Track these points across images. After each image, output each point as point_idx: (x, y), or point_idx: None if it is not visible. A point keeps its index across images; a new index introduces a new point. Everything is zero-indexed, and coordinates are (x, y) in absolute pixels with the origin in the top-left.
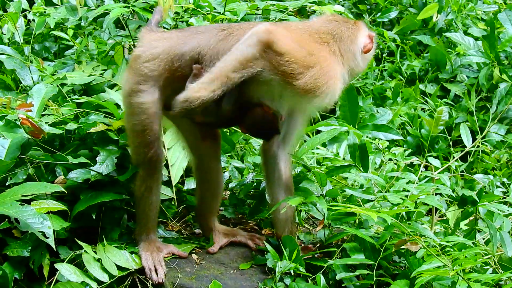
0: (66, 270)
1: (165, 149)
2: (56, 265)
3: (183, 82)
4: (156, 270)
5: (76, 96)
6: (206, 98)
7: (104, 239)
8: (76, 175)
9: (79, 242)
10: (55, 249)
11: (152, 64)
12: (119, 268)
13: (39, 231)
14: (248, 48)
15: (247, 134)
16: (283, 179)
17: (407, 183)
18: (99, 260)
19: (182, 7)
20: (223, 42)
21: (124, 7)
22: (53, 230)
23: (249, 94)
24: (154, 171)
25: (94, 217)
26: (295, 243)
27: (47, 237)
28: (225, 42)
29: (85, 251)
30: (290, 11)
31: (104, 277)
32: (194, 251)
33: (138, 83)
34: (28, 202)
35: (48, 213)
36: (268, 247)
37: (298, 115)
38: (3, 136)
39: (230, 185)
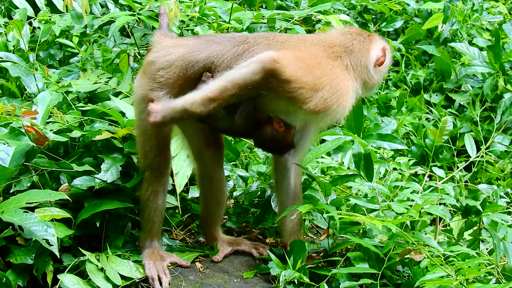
0: (69, 281)
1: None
2: (59, 276)
3: (195, 87)
4: (160, 279)
5: (81, 104)
6: (200, 114)
7: (108, 247)
8: (80, 182)
9: (83, 251)
10: (59, 257)
11: (167, 72)
12: (123, 277)
13: (43, 239)
14: (252, 75)
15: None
16: (293, 187)
17: (411, 192)
18: (102, 269)
19: (188, 15)
20: (237, 58)
21: (129, 15)
22: (57, 237)
23: (261, 107)
24: (161, 175)
25: (98, 225)
26: (304, 247)
27: (51, 245)
28: (239, 58)
29: (88, 260)
30: (295, 20)
31: (108, 287)
32: (198, 260)
33: (152, 90)
34: (32, 209)
35: (52, 220)
36: (272, 256)
37: (311, 126)
38: (7, 143)
39: (235, 193)
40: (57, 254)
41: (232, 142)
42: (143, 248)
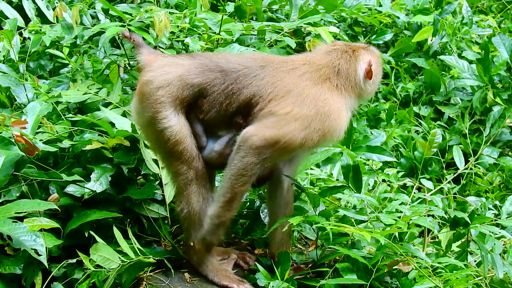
0: None
1: (159, 168)
2: (53, 286)
3: (190, 108)
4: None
5: (70, 114)
6: (231, 217)
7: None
8: (73, 189)
9: (81, 254)
10: (47, 267)
11: (167, 91)
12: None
13: (32, 249)
14: (247, 160)
15: None
16: (285, 199)
17: (400, 204)
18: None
19: (178, 26)
20: (227, 91)
21: (120, 26)
22: (46, 247)
23: None
24: (206, 180)
25: (86, 235)
26: (288, 258)
27: (40, 255)
28: (229, 91)
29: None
30: (285, 32)
31: None
32: (186, 270)
33: (158, 111)
34: (21, 219)
35: (41, 230)
36: (260, 267)
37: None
38: None
39: None
40: (46, 264)
41: None
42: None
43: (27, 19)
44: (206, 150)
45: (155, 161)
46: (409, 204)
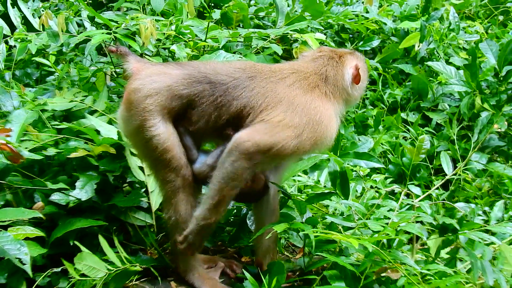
0: None
1: (145, 176)
2: None
3: (178, 118)
4: None
5: (56, 122)
6: (216, 221)
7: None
8: (58, 197)
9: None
10: (32, 276)
11: (156, 99)
12: None
13: (16, 258)
14: (237, 165)
15: None
16: (272, 206)
17: (388, 210)
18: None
19: (164, 34)
20: (216, 103)
21: (106, 33)
22: (30, 256)
23: None
24: (193, 188)
25: (71, 244)
26: (283, 269)
27: (24, 264)
28: (218, 103)
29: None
30: (272, 39)
31: None
32: (172, 278)
33: (146, 119)
34: (5, 228)
35: (25, 239)
36: (247, 275)
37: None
38: None
39: None
40: (30, 273)
41: None
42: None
43: (13, 27)
44: (198, 163)
45: (141, 168)
46: (397, 211)
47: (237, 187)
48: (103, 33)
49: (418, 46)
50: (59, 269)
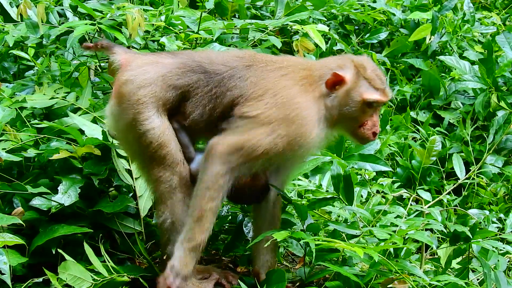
0: None
1: (132, 179)
2: None
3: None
4: None
5: (36, 121)
6: (205, 240)
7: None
8: (39, 202)
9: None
10: (11, 287)
11: (150, 90)
12: None
13: None
14: (208, 172)
15: None
16: (272, 212)
17: (395, 217)
18: None
19: (153, 25)
20: (210, 94)
21: (89, 24)
22: (10, 266)
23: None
24: (190, 189)
25: (54, 252)
26: (283, 278)
27: (3, 273)
28: (213, 94)
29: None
30: (270, 30)
31: None
32: None
33: (140, 112)
34: None
35: (4, 247)
36: (243, 286)
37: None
38: None
39: None
40: (9, 284)
41: None
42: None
43: None
44: (195, 162)
45: (129, 171)
46: (406, 217)
47: (216, 199)
48: (86, 24)
49: (430, 39)
50: (40, 279)
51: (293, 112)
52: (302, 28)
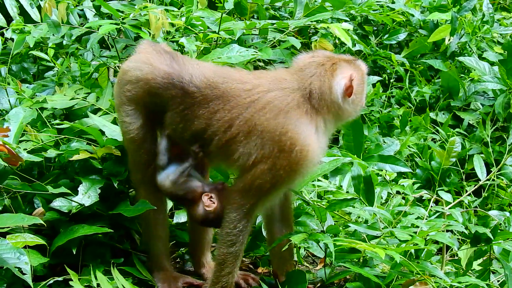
0: None
1: None
2: None
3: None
4: None
5: (56, 121)
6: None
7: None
8: (60, 203)
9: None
10: (32, 287)
11: (134, 87)
12: None
13: (15, 267)
14: (230, 218)
15: None
16: (284, 213)
17: (416, 218)
18: None
19: (174, 25)
20: (183, 114)
21: (113, 23)
22: (31, 266)
23: None
24: (155, 189)
25: (74, 253)
26: (304, 279)
27: (24, 274)
28: (184, 115)
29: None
30: (290, 31)
31: None
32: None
33: (121, 104)
34: (3, 235)
35: (25, 247)
36: (264, 286)
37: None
38: None
39: None
40: (31, 283)
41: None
42: (153, 271)
43: (9, 18)
44: (163, 174)
45: None
46: (426, 219)
47: (237, 243)
48: (111, 23)
49: (449, 40)
50: (61, 278)
51: (287, 142)
52: (327, 27)
